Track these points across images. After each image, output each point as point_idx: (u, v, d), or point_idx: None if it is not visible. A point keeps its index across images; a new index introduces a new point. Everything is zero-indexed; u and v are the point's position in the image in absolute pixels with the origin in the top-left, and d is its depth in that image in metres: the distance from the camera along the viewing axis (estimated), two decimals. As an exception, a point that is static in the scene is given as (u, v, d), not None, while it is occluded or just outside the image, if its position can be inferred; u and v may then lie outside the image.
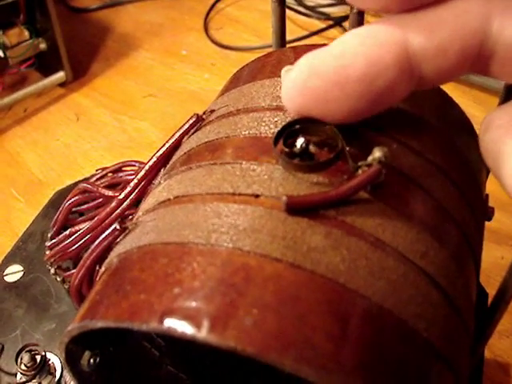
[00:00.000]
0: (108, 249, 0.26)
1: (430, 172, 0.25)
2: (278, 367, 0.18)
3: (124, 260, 0.23)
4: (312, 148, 0.23)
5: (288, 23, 1.00)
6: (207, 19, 0.98)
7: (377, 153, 0.21)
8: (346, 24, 0.93)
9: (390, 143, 0.24)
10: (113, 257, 0.24)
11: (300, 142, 0.23)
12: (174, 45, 0.93)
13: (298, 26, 0.95)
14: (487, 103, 0.79)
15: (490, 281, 0.61)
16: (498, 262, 0.63)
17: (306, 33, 0.92)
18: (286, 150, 0.22)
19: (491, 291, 0.58)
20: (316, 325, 0.18)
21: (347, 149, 0.23)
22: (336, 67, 0.19)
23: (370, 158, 0.22)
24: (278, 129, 0.23)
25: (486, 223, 0.38)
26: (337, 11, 0.96)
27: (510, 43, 0.19)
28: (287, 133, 0.23)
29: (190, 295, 0.19)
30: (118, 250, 0.24)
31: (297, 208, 0.21)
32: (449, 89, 0.86)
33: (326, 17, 0.95)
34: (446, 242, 0.24)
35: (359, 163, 0.22)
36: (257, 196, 0.22)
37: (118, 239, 0.25)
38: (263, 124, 0.25)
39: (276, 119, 0.25)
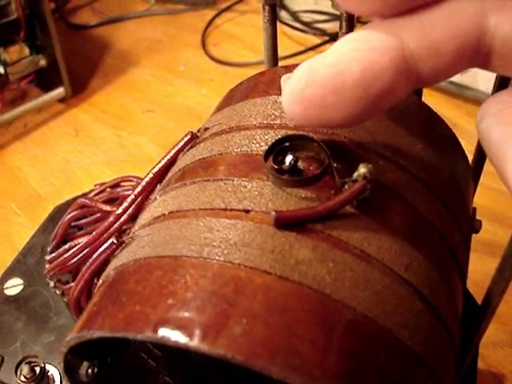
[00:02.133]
0: (106, 262, 0.27)
1: (415, 187, 0.26)
2: (267, 374, 0.19)
3: (120, 273, 0.23)
4: (301, 164, 0.24)
5: (284, 39, 1.01)
6: (205, 35, 0.99)
7: (362, 169, 0.22)
8: (342, 39, 0.94)
9: (376, 159, 0.25)
10: (110, 270, 0.25)
11: (289, 158, 0.24)
12: (173, 61, 0.95)
13: (294, 41, 0.96)
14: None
15: (484, 292, 0.61)
16: (492, 274, 0.64)
17: (302, 48, 0.93)
18: (276, 166, 0.23)
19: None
20: (302, 334, 0.19)
21: (334, 165, 0.24)
22: (332, 74, 0.19)
23: (355, 174, 0.23)
24: (268, 146, 0.24)
25: (481, 235, 0.39)
26: (332, 27, 0.97)
27: (505, 40, 0.19)
28: (277, 150, 0.24)
29: (182, 306, 0.20)
30: (115, 263, 0.25)
31: (285, 223, 0.22)
32: (442, 102, 0.87)
33: (322, 32, 0.97)
34: (430, 254, 0.25)
35: (346, 179, 0.23)
36: (247, 211, 0.23)
37: (116, 253, 0.26)
38: (254, 142, 0.26)
39: (266, 137, 0.26)
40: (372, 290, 0.21)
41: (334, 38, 0.95)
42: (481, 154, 0.34)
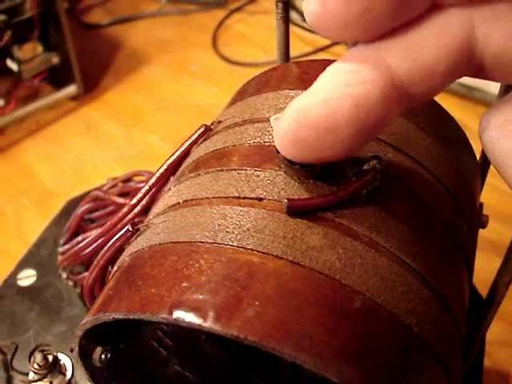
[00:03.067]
0: (120, 250, 0.28)
1: (424, 179, 0.26)
2: (278, 355, 0.19)
3: (136, 258, 0.24)
4: (312, 155, 0.25)
5: (295, 39, 1.02)
6: (216, 35, 1.00)
7: (372, 160, 0.23)
8: (352, 41, 0.94)
9: (385, 151, 0.26)
10: (125, 256, 0.25)
11: (301, 149, 0.24)
12: (184, 60, 0.96)
13: (304, 42, 0.97)
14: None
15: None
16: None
17: (312, 49, 0.94)
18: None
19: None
20: (313, 317, 0.20)
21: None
22: (324, 114, 0.19)
23: (365, 165, 0.23)
24: (281, 137, 0.25)
25: (489, 235, 0.39)
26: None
27: (497, 50, 0.18)
28: (289, 141, 0.25)
29: (197, 289, 0.20)
30: (130, 249, 0.25)
31: (297, 210, 0.22)
32: (452, 104, 0.87)
33: (332, 34, 0.97)
34: (438, 245, 0.25)
35: (356, 169, 0.24)
36: (260, 199, 0.23)
37: (130, 240, 0.27)
38: (267, 134, 0.26)
39: (279, 129, 0.26)
40: (381, 276, 0.22)
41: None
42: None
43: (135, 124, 0.83)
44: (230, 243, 0.22)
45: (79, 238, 0.41)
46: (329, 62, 0.30)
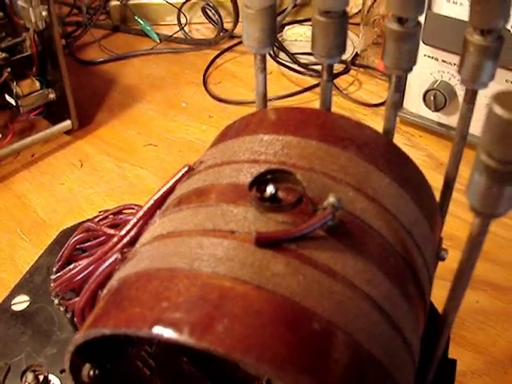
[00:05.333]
0: (109, 275, 0.31)
1: (380, 215, 0.30)
2: (243, 366, 0.22)
3: (123, 282, 0.27)
4: (280, 194, 0.28)
5: (284, 80, 1.06)
6: (206, 74, 1.03)
7: (331, 198, 0.27)
8: (337, 81, 0.99)
9: (346, 191, 0.29)
10: (114, 281, 0.29)
11: (270, 189, 0.28)
12: (175, 97, 0.99)
13: (292, 82, 1.01)
14: (467, 157, 0.85)
15: (465, 323, 0.64)
16: (472, 306, 0.66)
17: (299, 88, 0.98)
18: (259, 195, 0.28)
19: (466, 333, 0.62)
20: (274, 333, 0.23)
21: (308, 195, 0.28)
22: None
23: (325, 203, 0.27)
24: (252, 178, 0.28)
25: (454, 266, 0.42)
26: (328, 69, 1.02)
27: None
28: (260, 181, 0.28)
29: (175, 308, 0.24)
30: (119, 275, 0.29)
31: (264, 242, 0.26)
32: (432, 143, 0.91)
33: (318, 74, 1.01)
34: (391, 274, 0.28)
35: (317, 206, 0.27)
36: (233, 232, 0.27)
37: (118, 266, 0.30)
38: (242, 174, 0.30)
39: (252, 170, 0.30)
40: (336, 300, 0.25)
41: (328, 79, 0.99)
42: (447, 187, 0.38)
43: (127, 158, 0.86)
44: (205, 270, 0.25)
45: (71, 267, 0.44)
46: (302, 110, 0.34)
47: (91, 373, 0.31)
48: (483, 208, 0.24)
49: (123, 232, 0.34)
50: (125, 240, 0.34)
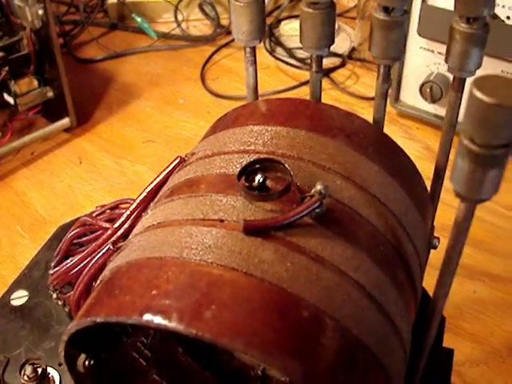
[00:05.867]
0: (102, 267, 0.31)
1: (370, 203, 0.30)
2: (238, 356, 0.23)
3: (115, 272, 0.28)
4: (268, 182, 0.29)
5: (280, 74, 1.06)
6: (204, 70, 1.04)
7: (318, 186, 0.27)
8: (334, 75, 0.99)
9: (334, 179, 0.30)
10: (106, 271, 0.29)
11: (258, 178, 0.28)
12: (173, 94, 0.99)
13: (289, 76, 1.01)
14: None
15: (463, 313, 0.65)
16: (470, 296, 0.67)
17: (296, 83, 0.98)
18: (247, 184, 0.28)
19: (463, 323, 0.62)
20: (263, 319, 0.23)
21: (297, 183, 0.28)
22: None
23: (312, 191, 0.27)
24: (241, 167, 0.29)
25: (462, 260, 0.42)
26: (325, 63, 1.02)
27: None
28: (249, 171, 0.29)
29: (164, 296, 0.24)
30: (111, 265, 0.29)
31: (252, 230, 0.26)
32: (430, 135, 0.91)
33: (315, 68, 1.02)
34: (380, 260, 0.29)
35: (305, 194, 0.27)
36: (222, 221, 0.27)
37: (112, 257, 0.30)
38: (231, 164, 0.30)
39: (242, 160, 0.30)
40: (323, 286, 0.25)
41: (326, 73, 1.00)
42: (438, 176, 0.39)
43: (125, 155, 0.87)
44: (194, 258, 0.25)
45: (68, 261, 0.44)
46: (291, 101, 0.34)
47: (86, 363, 0.32)
48: (468, 193, 0.24)
49: (117, 225, 0.34)
50: (119, 232, 0.35)
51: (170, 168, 0.34)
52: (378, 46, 0.33)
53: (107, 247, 0.29)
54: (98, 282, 0.29)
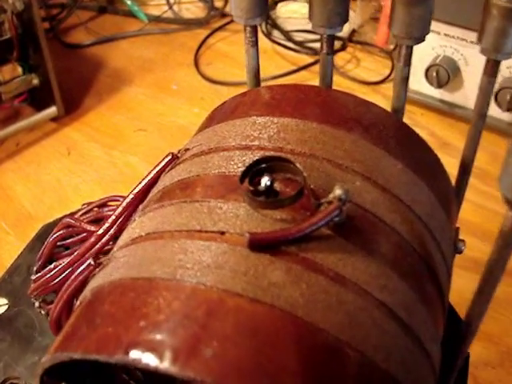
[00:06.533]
0: (84, 283, 0.27)
1: (394, 207, 0.26)
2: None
3: (96, 294, 0.23)
4: (277, 186, 0.24)
5: (278, 58, 1.02)
6: (198, 54, 0.99)
7: (337, 190, 0.22)
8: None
9: (353, 180, 0.25)
10: (87, 291, 0.25)
11: (265, 180, 0.24)
12: (165, 80, 0.95)
13: (287, 60, 0.97)
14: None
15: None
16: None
17: (294, 67, 0.94)
18: (252, 188, 0.24)
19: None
20: (273, 356, 0.19)
21: (310, 186, 0.24)
22: None
23: (330, 196, 0.23)
24: (245, 168, 0.24)
25: (473, 254, 0.38)
26: (325, 46, 0.98)
27: None
28: (253, 171, 0.24)
29: (154, 328, 0.20)
30: (92, 284, 0.25)
31: (259, 244, 0.22)
32: (435, 121, 0.87)
33: (314, 52, 0.97)
34: (407, 276, 0.25)
35: (321, 200, 0.23)
36: (222, 233, 0.23)
37: (93, 273, 0.26)
38: (232, 163, 0.26)
39: (244, 158, 0.26)
40: (345, 312, 0.21)
41: (326, 57, 0.96)
42: (464, 172, 0.34)
43: (116, 145, 0.83)
44: (190, 280, 0.21)
45: (51, 266, 0.40)
46: (299, 87, 0.30)
47: (68, 393, 0.27)
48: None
49: (101, 231, 0.30)
50: (103, 239, 0.31)
51: (160, 166, 0.29)
52: (399, 24, 0.28)
53: (88, 262, 0.25)
54: (78, 303, 0.25)
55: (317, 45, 0.98)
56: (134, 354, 0.19)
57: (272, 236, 0.22)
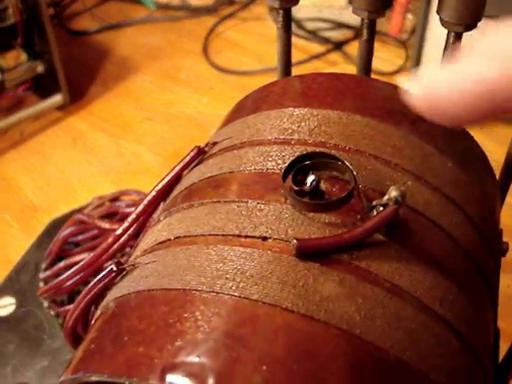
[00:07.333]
0: (104, 290, 0.25)
1: (447, 209, 0.24)
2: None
3: (121, 306, 0.21)
4: (323, 185, 0.22)
5: (288, 47, 0.99)
6: (206, 42, 0.97)
7: (393, 192, 0.20)
8: (346, 48, 0.93)
9: (404, 179, 0.23)
10: (109, 300, 0.22)
11: (310, 179, 0.21)
12: (173, 68, 0.92)
13: (298, 49, 0.94)
14: (499, 136, 0.78)
15: (498, 311, 0.59)
16: (504, 291, 0.61)
17: (306, 57, 0.91)
18: (296, 187, 0.21)
19: (500, 322, 0.56)
20: (330, 380, 0.17)
21: (360, 186, 0.21)
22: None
23: (385, 198, 0.20)
24: (286, 164, 0.22)
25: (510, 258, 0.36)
26: (336, 35, 0.95)
27: None
28: (296, 169, 0.22)
29: (193, 349, 0.17)
30: (115, 293, 0.22)
31: (308, 252, 0.19)
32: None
33: (326, 41, 0.94)
34: (464, 285, 0.22)
35: (374, 202, 0.21)
36: (265, 238, 0.20)
37: (116, 280, 0.24)
38: (270, 159, 0.23)
39: (284, 154, 0.23)
40: (405, 329, 0.19)
41: (338, 46, 0.93)
42: (508, 173, 0.32)
43: (123, 135, 0.80)
44: (231, 292, 0.19)
45: (61, 265, 0.38)
46: (337, 76, 0.27)
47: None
48: None
49: (120, 231, 0.27)
50: (122, 240, 0.28)
51: (185, 161, 0.27)
52: (449, 8, 0.26)
53: (109, 268, 0.23)
54: (99, 312, 0.23)
55: (328, 33, 0.96)
56: (171, 379, 0.17)
57: (322, 243, 0.19)
